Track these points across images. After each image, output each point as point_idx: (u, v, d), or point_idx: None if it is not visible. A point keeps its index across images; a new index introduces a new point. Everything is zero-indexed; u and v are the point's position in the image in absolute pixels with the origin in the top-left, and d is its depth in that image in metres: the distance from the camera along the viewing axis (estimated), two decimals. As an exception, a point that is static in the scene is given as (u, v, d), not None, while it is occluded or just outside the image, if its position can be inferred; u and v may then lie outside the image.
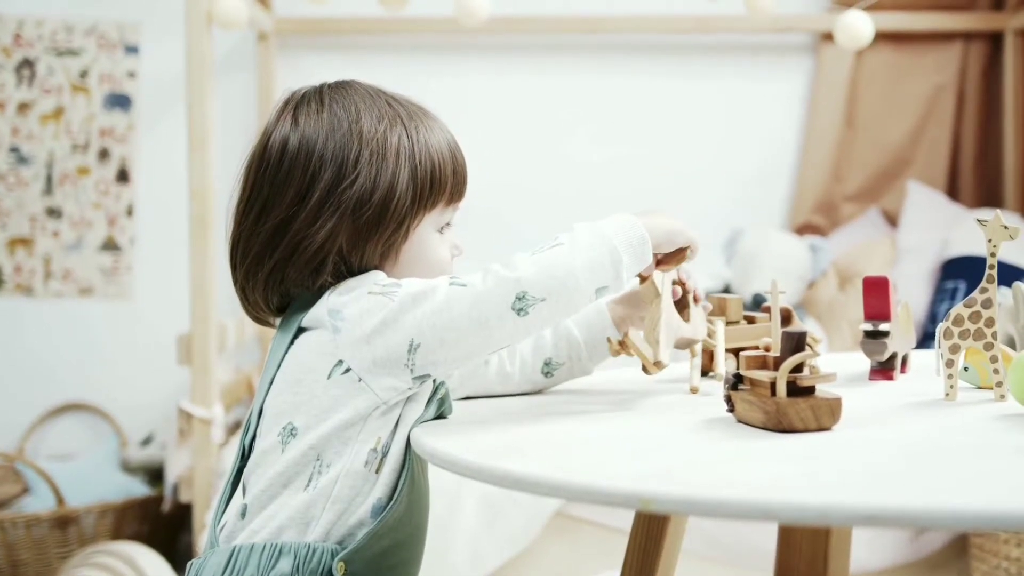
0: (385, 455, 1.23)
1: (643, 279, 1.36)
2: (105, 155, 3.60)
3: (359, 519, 1.22)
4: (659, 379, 1.51)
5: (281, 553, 1.19)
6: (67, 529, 3.09)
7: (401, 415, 1.24)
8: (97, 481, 3.26)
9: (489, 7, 2.89)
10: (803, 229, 3.61)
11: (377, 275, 1.26)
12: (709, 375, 1.54)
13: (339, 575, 1.19)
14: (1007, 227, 1.24)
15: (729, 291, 3.23)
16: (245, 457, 1.28)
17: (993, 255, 1.25)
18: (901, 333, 1.44)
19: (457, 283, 1.20)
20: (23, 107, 3.58)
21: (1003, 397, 1.27)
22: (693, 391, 1.40)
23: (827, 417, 1.12)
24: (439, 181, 1.30)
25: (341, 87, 1.33)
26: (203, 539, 2.75)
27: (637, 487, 0.92)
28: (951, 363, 1.27)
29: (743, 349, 1.45)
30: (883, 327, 1.41)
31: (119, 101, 3.60)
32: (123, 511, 3.18)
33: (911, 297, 3.19)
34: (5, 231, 3.58)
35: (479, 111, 3.63)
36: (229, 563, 1.21)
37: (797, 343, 1.14)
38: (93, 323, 3.61)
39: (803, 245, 3.31)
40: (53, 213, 3.59)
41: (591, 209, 2.81)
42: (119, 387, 3.60)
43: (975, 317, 1.27)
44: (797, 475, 0.96)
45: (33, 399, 3.58)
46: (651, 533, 1.40)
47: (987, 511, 0.83)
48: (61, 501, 3.11)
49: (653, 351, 1.30)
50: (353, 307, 1.21)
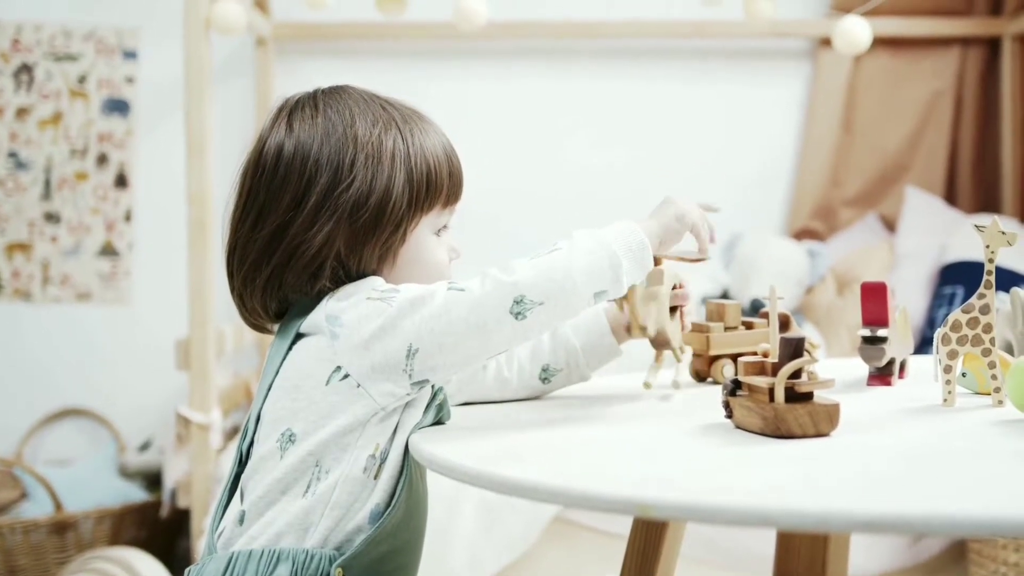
0: (384, 461, 1.23)
1: (656, 261, 1.38)
2: (103, 160, 3.60)
3: (357, 525, 1.21)
4: (655, 385, 1.51)
5: (279, 559, 1.19)
6: (65, 535, 3.09)
7: (400, 421, 1.24)
8: (95, 486, 3.26)
9: (487, 12, 2.90)
10: (801, 234, 3.62)
11: (375, 280, 1.26)
12: (708, 380, 1.55)
13: (337, 581, 1.19)
14: (1005, 233, 1.25)
15: (727, 296, 3.23)
16: (243, 463, 1.28)
17: (991, 261, 1.26)
18: (899, 339, 1.44)
19: (455, 288, 1.20)
20: (21, 112, 3.58)
21: (1001, 403, 1.27)
22: (675, 386, 1.44)
23: (825, 423, 1.12)
24: (435, 183, 1.30)
25: (335, 92, 1.33)
26: (201, 544, 2.75)
27: (635, 493, 0.92)
28: (949, 369, 1.27)
29: (741, 355, 1.46)
30: (881, 333, 1.41)
31: (117, 106, 3.60)
32: (121, 516, 3.18)
33: (909, 302, 3.19)
34: (3, 236, 3.58)
35: (478, 116, 3.63)
36: (227, 569, 1.21)
37: (795, 349, 1.14)
38: (91, 328, 3.61)
39: (801, 250, 3.31)
40: (51, 218, 3.59)
41: (590, 213, 2.82)
42: (117, 392, 3.60)
43: (973, 323, 1.27)
44: (795, 481, 0.96)
45: (31, 404, 3.58)
46: (649, 538, 1.40)
47: (986, 517, 0.83)
48: (59, 506, 3.11)
49: (643, 317, 1.37)
50: (351, 313, 1.21)
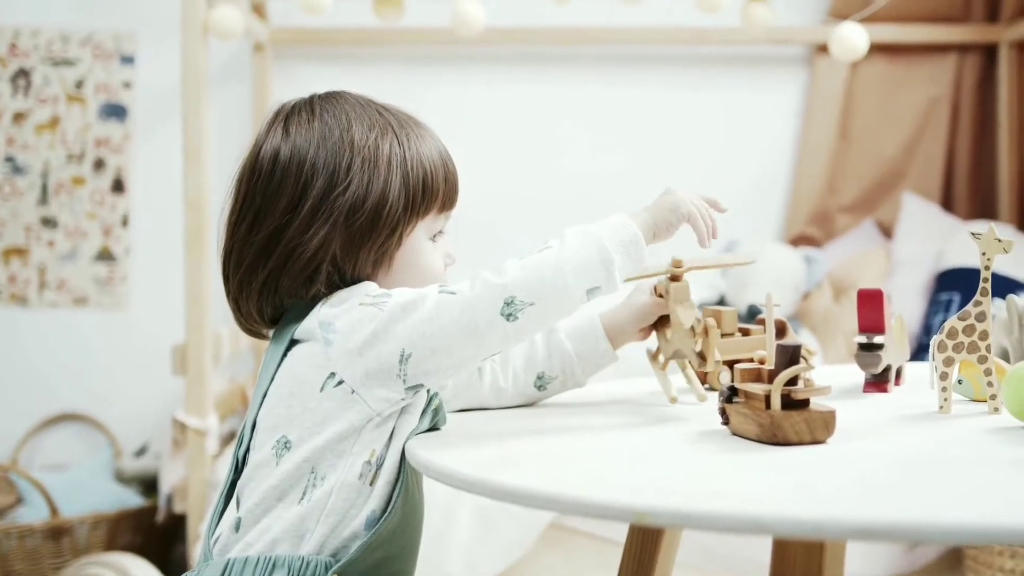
0: (379, 467, 1.22)
1: (675, 279, 1.38)
2: (100, 165, 3.59)
3: (353, 532, 1.21)
4: (653, 391, 1.51)
5: (275, 566, 1.19)
6: (60, 540, 3.08)
7: (395, 427, 1.24)
8: (91, 491, 3.25)
9: (485, 18, 2.90)
10: (798, 240, 3.62)
11: (368, 286, 1.26)
12: (704, 387, 1.54)
13: (333, 587, 1.19)
14: (1001, 240, 1.25)
15: (724, 302, 3.24)
16: (239, 470, 1.28)
17: (987, 268, 1.26)
18: (895, 345, 1.45)
19: (446, 291, 1.20)
20: (19, 117, 3.58)
21: (997, 410, 1.27)
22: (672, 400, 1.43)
23: (821, 430, 1.12)
24: (431, 188, 1.30)
25: (331, 97, 1.33)
26: (197, 550, 2.75)
27: (632, 500, 0.92)
28: (945, 376, 1.28)
29: (738, 362, 1.46)
30: (877, 339, 1.41)
31: (115, 111, 3.60)
32: (117, 522, 3.18)
33: (906, 309, 3.19)
34: (0, 241, 3.58)
35: (475, 121, 3.63)
36: (223, 576, 1.21)
37: (791, 356, 1.14)
38: (88, 333, 3.60)
39: (798, 256, 3.32)
40: (48, 223, 3.58)
41: (587, 219, 2.81)
42: (113, 397, 3.60)
43: (969, 330, 1.27)
44: (791, 488, 0.96)
45: (27, 409, 3.58)
46: (646, 545, 1.40)
47: (982, 525, 0.83)
48: (55, 511, 3.11)
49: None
50: (344, 319, 1.21)
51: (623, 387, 1.56)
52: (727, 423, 1.19)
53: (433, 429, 1.27)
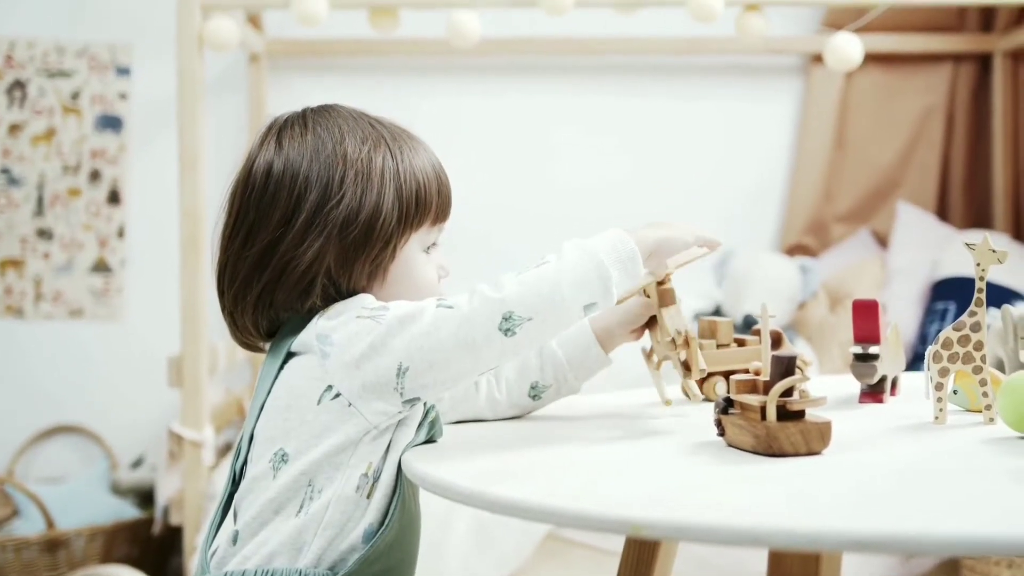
0: (376, 480, 1.22)
1: (661, 283, 1.38)
2: (96, 176, 3.59)
3: (351, 544, 1.21)
4: (648, 403, 1.51)
5: (272, 579, 1.19)
6: (57, 552, 3.08)
7: (392, 439, 1.24)
8: (87, 504, 3.25)
9: (481, 29, 2.90)
10: (794, 250, 3.62)
11: (365, 298, 1.26)
12: (700, 397, 1.54)
13: (330, 601, 1.19)
14: (995, 251, 1.25)
15: (720, 312, 3.24)
16: (236, 483, 1.28)
17: (982, 279, 1.26)
18: (890, 356, 1.45)
19: (444, 305, 1.20)
20: (14, 128, 3.58)
21: (992, 420, 1.27)
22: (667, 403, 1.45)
23: (817, 441, 1.12)
24: (424, 200, 1.31)
25: (324, 111, 1.34)
26: (193, 562, 2.74)
27: (628, 513, 0.93)
28: (940, 386, 1.28)
29: (733, 372, 1.46)
30: (872, 350, 1.41)
31: (110, 122, 3.60)
32: (113, 534, 3.17)
33: (901, 318, 3.19)
34: (-4, 252, 3.58)
35: (471, 132, 3.64)
36: (220, 589, 1.20)
37: (787, 367, 1.14)
38: (84, 345, 3.60)
39: (793, 266, 3.32)
40: (44, 234, 3.58)
41: (583, 230, 2.81)
42: (109, 409, 3.59)
43: (964, 340, 1.27)
44: (787, 500, 0.96)
45: (23, 421, 3.57)
46: (642, 556, 1.40)
47: (978, 536, 0.83)
48: (51, 524, 3.10)
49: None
50: (341, 331, 1.21)
51: (619, 398, 1.56)
52: (723, 434, 1.19)
53: (430, 441, 1.27)
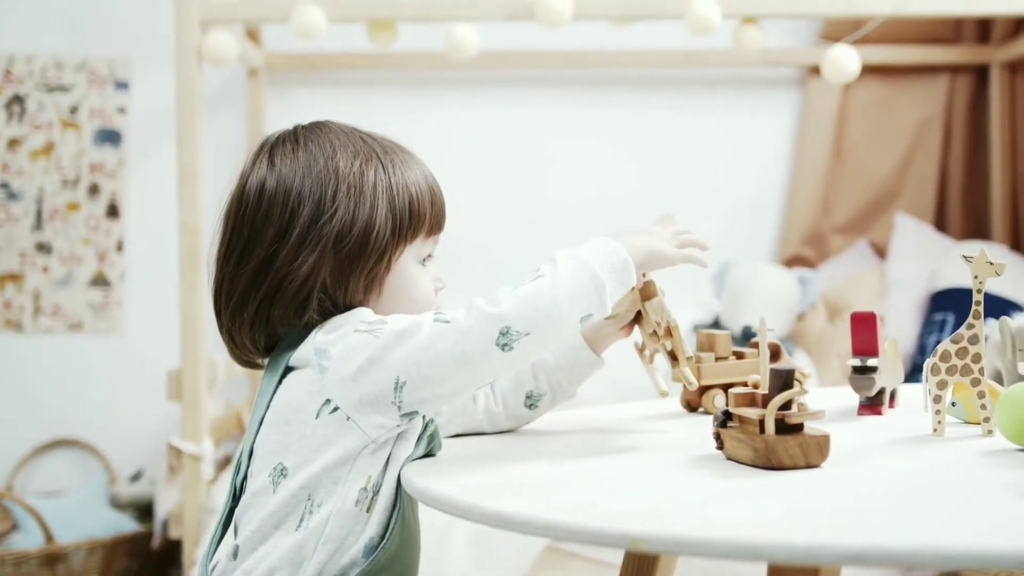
0: (376, 494, 1.22)
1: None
2: (95, 190, 3.60)
3: (351, 559, 1.21)
4: (647, 416, 1.51)
5: (272, 593, 1.19)
6: (56, 566, 3.07)
7: (391, 453, 1.24)
8: (86, 517, 3.24)
9: (479, 42, 2.91)
10: (792, 261, 3.62)
11: (363, 312, 1.26)
12: (699, 410, 1.55)
13: (330, 615, 1.19)
14: (993, 263, 1.25)
15: (719, 324, 3.24)
16: (237, 497, 1.28)
17: (979, 291, 1.26)
18: (889, 368, 1.45)
19: (441, 320, 1.20)
20: (13, 143, 3.59)
21: (990, 432, 1.27)
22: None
23: (816, 454, 1.12)
24: (418, 213, 1.31)
25: (316, 127, 1.35)
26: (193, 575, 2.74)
27: (626, 527, 0.93)
28: (939, 399, 1.28)
29: (732, 385, 1.46)
30: (871, 363, 1.41)
31: (109, 137, 3.61)
32: (112, 548, 3.17)
33: (900, 329, 3.19)
34: (-5, 267, 3.58)
35: (469, 144, 3.64)
36: (219, 603, 1.20)
37: (785, 380, 1.14)
38: (83, 359, 3.60)
39: (792, 277, 3.32)
40: (43, 248, 3.58)
41: (581, 243, 2.81)
42: (109, 423, 3.59)
43: (962, 353, 1.27)
44: (785, 514, 0.96)
45: (22, 435, 3.57)
46: (641, 569, 1.40)
47: (976, 549, 0.83)
48: (50, 538, 3.10)
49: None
50: (339, 345, 1.22)
51: (617, 411, 1.57)
52: (721, 447, 1.19)
53: (429, 455, 1.27)
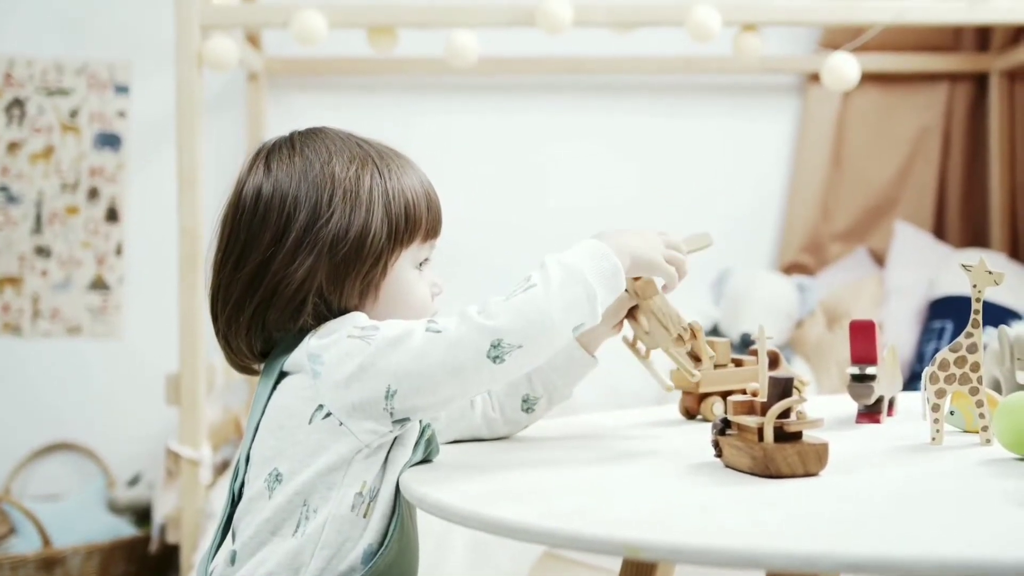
0: (373, 499, 1.22)
1: (636, 278, 1.36)
2: (95, 194, 3.60)
3: (350, 565, 1.21)
4: (644, 423, 1.51)
5: (270, 600, 1.19)
6: (53, 570, 3.07)
7: (389, 458, 1.24)
8: (84, 521, 3.24)
9: (479, 48, 2.91)
10: (791, 268, 3.62)
11: (357, 317, 1.26)
12: (697, 418, 1.55)
13: (328, 621, 1.19)
14: (991, 272, 1.25)
15: (718, 331, 3.24)
16: (235, 502, 1.28)
17: (978, 300, 1.26)
18: (887, 376, 1.45)
19: (433, 328, 1.19)
20: (13, 147, 3.59)
21: (989, 441, 1.27)
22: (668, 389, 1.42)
23: (814, 463, 1.12)
24: (413, 217, 1.31)
25: (312, 133, 1.35)
26: (190, 580, 2.74)
27: (624, 534, 0.93)
28: (937, 407, 1.28)
29: (731, 392, 1.46)
30: (869, 371, 1.41)
31: (109, 140, 3.61)
32: (110, 552, 3.16)
33: (899, 337, 3.19)
34: (-6, 270, 3.58)
35: (469, 150, 3.64)
36: (217, 609, 1.20)
37: (784, 388, 1.14)
38: (81, 362, 3.59)
39: (791, 285, 3.32)
40: (42, 252, 3.58)
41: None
42: (106, 427, 3.58)
43: (961, 361, 1.27)
44: (784, 522, 0.96)
45: (19, 439, 3.56)
46: (640, 575, 1.40)
47: (974, 559, 0.83)
48: (47, 542, 3.09)
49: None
50: (332, 351, 1.22)
51: (616, 418, 1.57)
52: (720, 455, 1.19)
53: (426, 460, 1.27)
